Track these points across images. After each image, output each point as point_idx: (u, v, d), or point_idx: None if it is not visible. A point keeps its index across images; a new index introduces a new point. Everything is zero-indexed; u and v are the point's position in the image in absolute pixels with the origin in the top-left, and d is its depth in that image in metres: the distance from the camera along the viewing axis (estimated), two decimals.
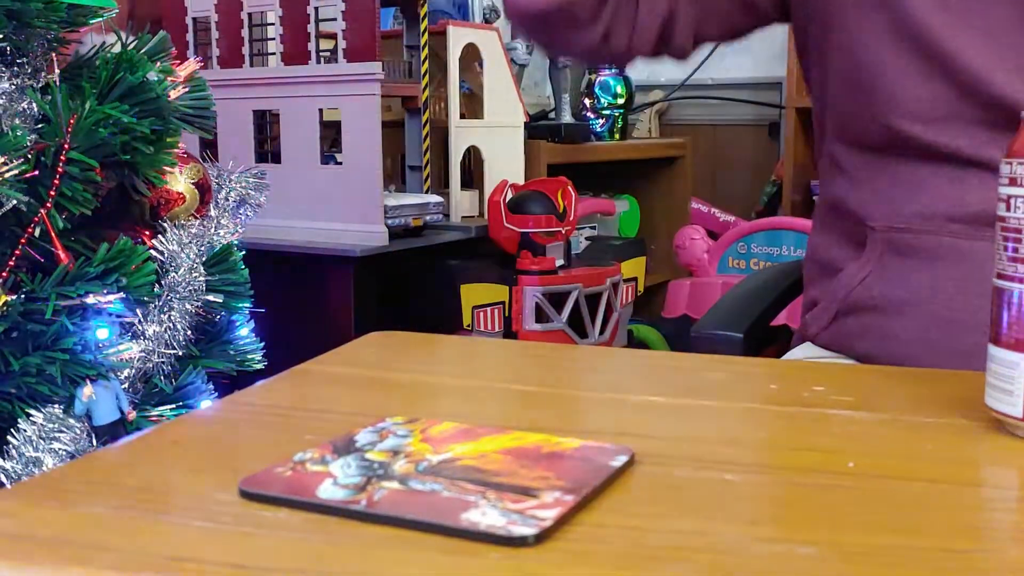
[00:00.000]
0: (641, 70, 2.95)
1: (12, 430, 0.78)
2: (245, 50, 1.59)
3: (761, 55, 2.77)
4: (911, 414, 0.52)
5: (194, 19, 1.63)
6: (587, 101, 2.31)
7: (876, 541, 0.36)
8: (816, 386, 0.57)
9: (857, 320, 0.79)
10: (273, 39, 1.56)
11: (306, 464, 0.42)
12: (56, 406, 0.79)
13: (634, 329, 2.12)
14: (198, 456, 0.45)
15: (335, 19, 1.50)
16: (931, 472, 0.44)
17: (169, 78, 0.93)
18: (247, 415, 0.52)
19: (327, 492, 0.39)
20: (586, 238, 2.12)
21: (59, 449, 0.77)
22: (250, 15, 1.57)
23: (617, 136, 2.32)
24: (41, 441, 0.77)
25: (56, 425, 0.78)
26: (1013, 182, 0.47)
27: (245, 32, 1.58)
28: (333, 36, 1.51)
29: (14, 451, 0.77)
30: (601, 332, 1.71)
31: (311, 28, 1.52)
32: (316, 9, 1.51)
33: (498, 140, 1.84)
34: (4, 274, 0.80)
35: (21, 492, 0.41)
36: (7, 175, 0.73)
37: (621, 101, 2.32)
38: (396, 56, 1.70)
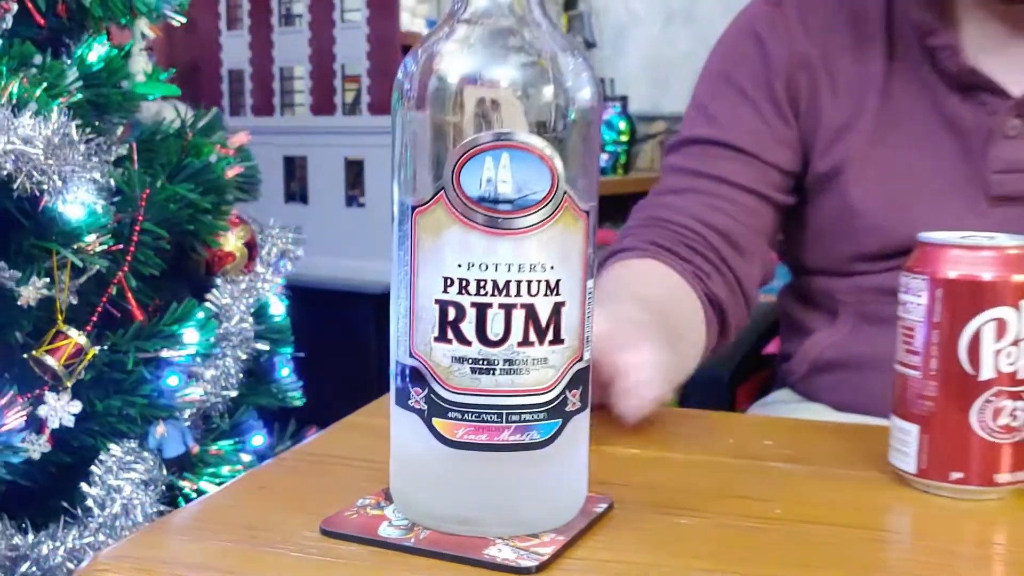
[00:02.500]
0: (644, 101, 3.11)
1: (95, 461, 0.92)
2: (276, 100, 1.73)
3: None
4: (836, 466, 0.66)
5: (229, 71, 1.78)
6: None
7: (789, 574, 0.50)
8: (765, 440, 0.71)
9: (830, 375, 0.94)
10: (302, 91, 1.71)
11: (367, 508, 0.56)
12: (132, 441, 0.93)
13: None
14: (283, 500, 0.59)
15: (359, 74, 1.65)
16: (843, 518, 0.58)
17: (221, 149, 1.07)
18: (313, 465, 0.66)
19: (385, 531, 0.53)
20: None
21: (135, 478, 0.91)
22: (281, 69, 1.72)
23: (621, 171, 2.47)
24: (120, 471, 0.91)
25: (133, 457, 0.92)
26: (907, 290, 0.61)
27: (276, 84, 1.73)
28: (357, 79, 1.65)
29: (97, 479, 0.91)
30: None
31: (337, 83, 1.66)
32: (343, 66, 1.66)
33: None
34: (88, 328, 0.94)
35: (164, 529, 0.55)
36: (97, 249, 0.88)
37: (625, 138, 2.46)
38: None
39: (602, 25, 3.03)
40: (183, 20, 0.97)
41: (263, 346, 1.05)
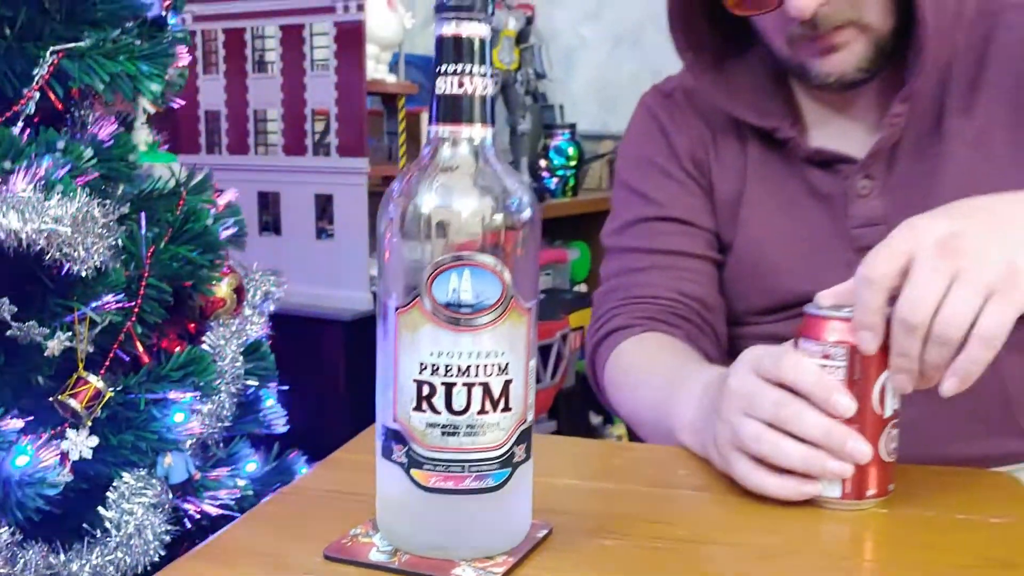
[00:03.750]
0: (592, 121, 3.27)
1: (111, 487, 1.06)
2: (251, 140, 1.87)
3: None
4: (738, 494, 0.81)
5: (206, 112, 1.91)
6: (542, 162, 2.61)
7: None
8: (680, 470, 0.87)
9: None
10: (275, 132, 1.85)
11: (359, 537, 0.71)
12: (142, 470, 1.07)
13: (579, 366, 2.43)
14: (290, 530, 0.74)
15: (326, 119, 1.79)
16: (736, 537, 0.74)
17: (212, 208, 1.22)
18: (311, 498, 0.81)
19: (375, 556, 0.68)
20: (542, 291, 2.43)
21: (145, 502, 1.05)
22: (255, 111, 1.86)
23: (569, 193, 2.63)
24: (132, 496, 1.05)
25: (143, 484, 1.06)
26: (829, 356, 0.74)
27: (251, 125, 1.86)
28: (325, 113, 1.79)
29: (112, 503, 1.05)
30: (553, 376, 2.01)
31: (308, 126, 1.81)
32: (312, 111, 1.80)
33: None
34: (102, 371, 1.08)
35: (199, 557, 0.69)
36: (114, 307, 1.02)
37: (573, 163, 2.62)
38: (378, 132, 2.00)
39: (552, 49, 3.18)
40: (182, 103, 1.11)
41: (252, 382, 1.20)
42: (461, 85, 0.65)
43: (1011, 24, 1.06)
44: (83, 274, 1.00)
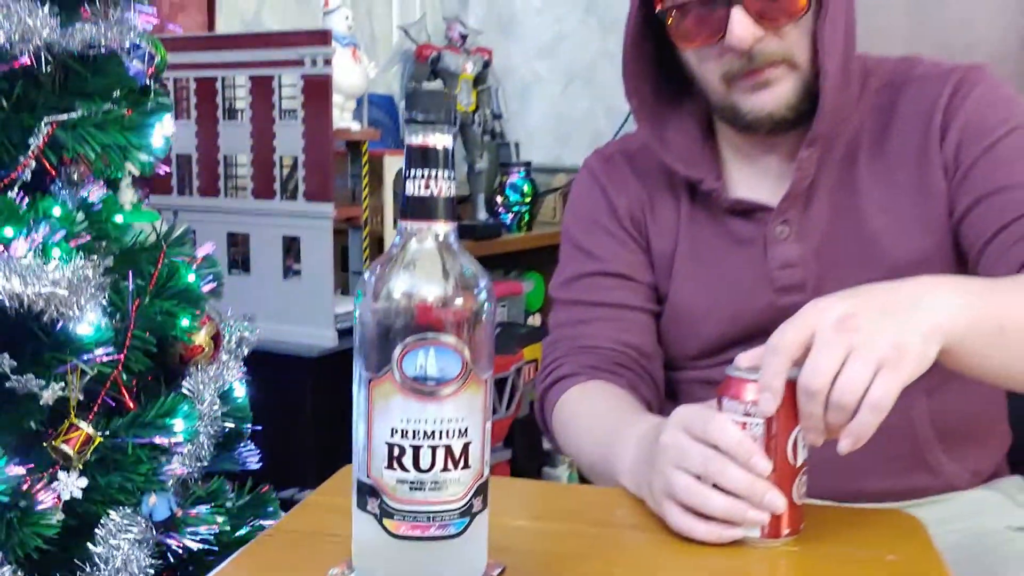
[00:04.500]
0: (547, 154, 3.39)
1: (99, 524, 1.15)
2: (221, 183, 1.96)
3: None
4: (672, 534, 0.91)
5: (178, 155, 2.00)
6: (499, 198, 2.73)
7: None
8: (617, 510, 0.97)
9: None
10: (245, 177, 1.94)
11: None
12: (128, 508, 1.16)
13: (532, 396, 2.54)
14: (276, 571, 0.84)
15: (294, 165, 1.89)
16: (669, 573, 0.84)
17: (191, 261, 1.31)
18: (292, 540, 0.90)
19: None
20: (498, 324, 2.54)
21: (131, 538, 1.14)
22: (225, 156, 1.95)
23: (524, 228, 2.75)
24: (119, 533, 1.14)
25: (128, 521, 1.14)
26: (750, 414, 0.86)
27: (221, 169, 1.95)
28: (293, 159, 1.88)
29: (100, 539, 1.14)
30: (508, 407, 2.12)
31: (276, 171, 1.90)
32: (280, 157, 1.89)
33: None
34: (91, 416, 1.17)
35: None
36: (104, 359, 1.11)
37: (528, 199, 2.74)
38: (342, 173, 2.10)
39: (508, 85, 3.30)
40: (168, 170, 1.20)
41: (230, 424, 1.29)
42: (427, 187, 0.75)
43: (913, 95, 1.19)
44: (74, 328, 1.09)
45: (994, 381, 1.02)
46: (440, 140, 0.75)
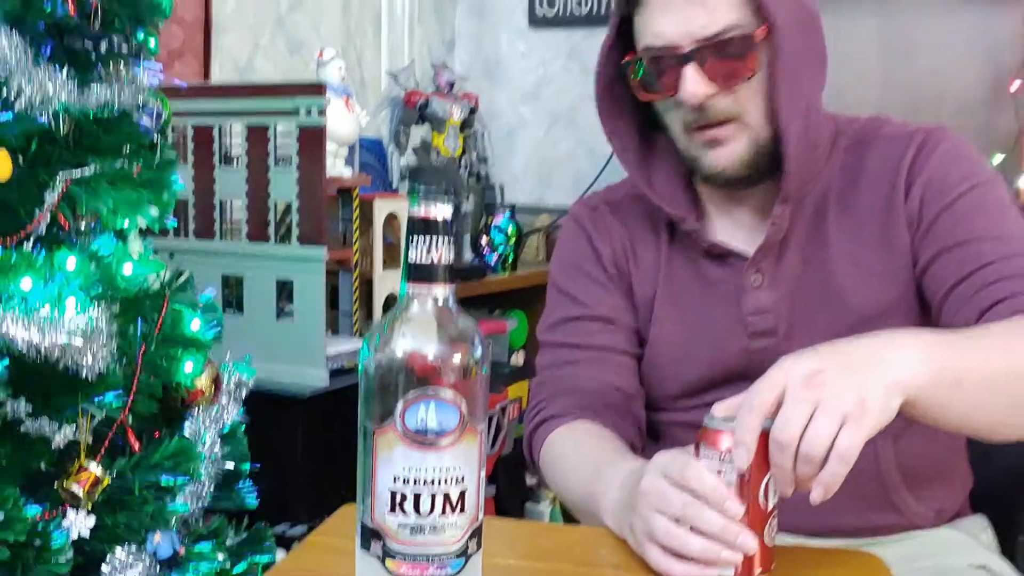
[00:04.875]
0: (530, 195, 3.47)
1: (104, 561, 1.20)
2: (216, 227, 2.03)
3: None
4: (651, 573, 0.98)
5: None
6: (484, 239, 2.80)
7: None
8: (600, 550, 1.04)
9: None
10: (239, 220, 2.00)
11: None
12: (133, 546, 1.21)
13: (517, 431, 2.61)
14: None
15: (288, 210, 1.96)
16: None
17: (194, 308, 1.37)
18: None
19: None
20: None
21: (136, 575, 1.19)
22: (221, 201, 2.02)
23: (509, 268, 2.82)
24: (125, 569, 1.19)
25: (133, 559, 1.20)
26: (725, 461, 0.93)
27: (217, 213, 2.02)
28: (287, 204, 1.94)
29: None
30: (493, 445, 2.18)
31: (271, 216, 1.97)
32: (276, 202, 1.96)
33: None
34: (98, 457, 1.23)
35: None
36: (114, 404, 1.17)
37: (512, 240, 2.81)
38: (334, 215, 2.16)
39: (493, 127, 3.39)
40: (176, 224, 1.26)
41: (229, 464, 1.35)
42: (429, 254, 0.82)
43: (879, 154, 1.27)
44: (87, 375, 1.15)
45: (954, 429, 1.09)
46: (441, 211, 0.82)
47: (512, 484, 2.51)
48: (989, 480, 1.42)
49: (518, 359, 2.93)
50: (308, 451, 1.93)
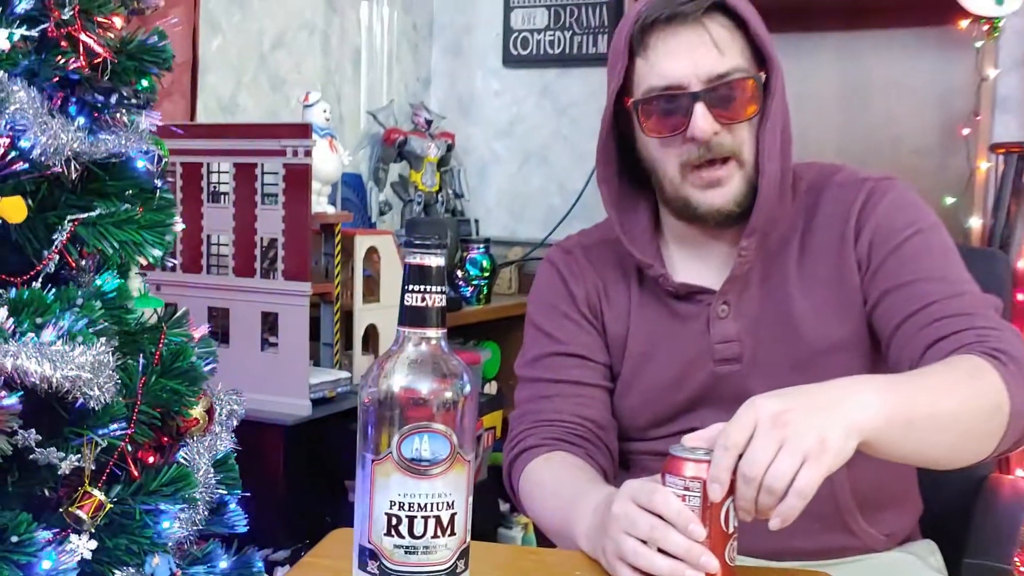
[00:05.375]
0: (503, 228, 3.57)
1: None
2: (204, 261, 2.10)
3: None
4: None
5: None
6: (459, 272, 2.89)
7: None
8: (576, 571, 1.12)
9: None
10: (227, 256, 2.08)
11: None
12: (132, 568, 1.28)
13: (491, 459, 2.68)
14: None
15: (274, 246, 2.03)
16: None
17: (190, 342, 1.45)
18: None
19: None
20: None
21: None
22: (208, 236, 2.09)
23: (483, 300, 2.91)
24: None
25: None
26: (689, 488, 1.00)
27: (204, 248, 2.09)
28: (273, 241, 2.02)
29: None
30: None
31: (257, 252, 2.04)
32: (262, 238, 2.04)
33: (391, 317, 2.39)
34: (100, 484, 1.30)
35: None
36: (118, 434, 1.24)
37: (487, 273, 2.90)
38: (317, 250, 2.24)
39: (468, 163, 3.48)
40: (180, 261, 1.34)
41: (222, 490, 1.42)
42: (423, 300, 0.91)
43: (833, 199, 1.37)
44: (92, 405, 1.22)
45: (907, 463, 1.19)
46: (434, 261, 0.91)
47: (485, 510, 2.58)
48: (938, 507, 1.51)
49: (491, 389, 3.01)
50: (291, 478, 2.00)
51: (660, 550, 1.00)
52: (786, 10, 2.87)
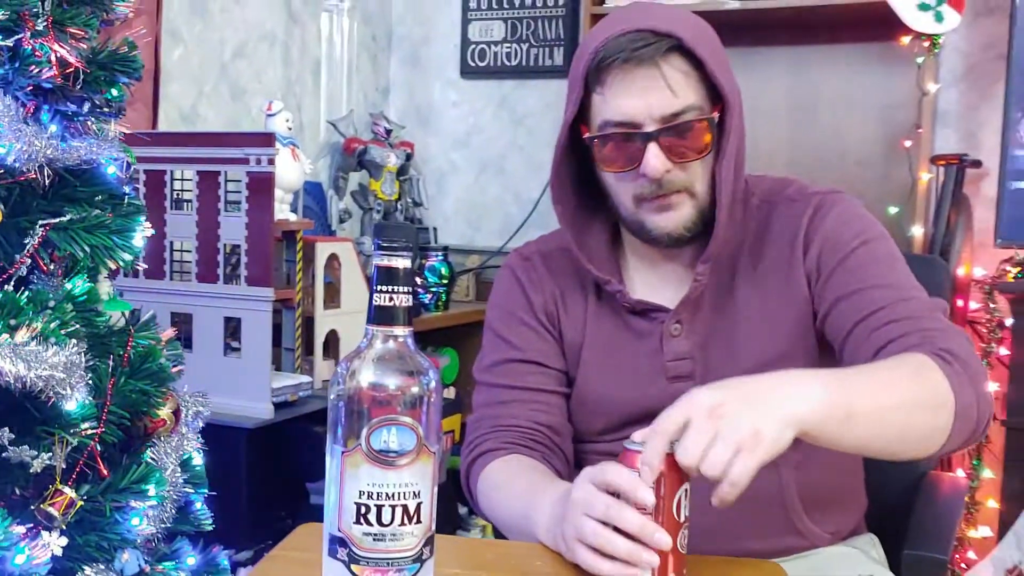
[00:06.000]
0: (460, 237, 3.62)
1: None
2: (167, 267, 2.13)
3: None
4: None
5: None
6: (418, 280, 2.93)
7: None
8: (536, 562, 1.17)
9: None
10: (190, 262, 2.11)
11: None
12: (101, 564, 1.31)
13: (449, 463, 2.73)
14: None
15: (237, 253, 2.07)
16: None
17: (158, 344, 1.48)
18: None
19: None
20: None
21: None
22: (171, 243, 2.12)
23: (442, 307, 2.95)
24: None
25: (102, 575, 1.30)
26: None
27: (167, 254, 2.12)
28: (236, 247, 2.05)
29: None
30: None
31: (220, 258, 2.08)
32: (225, 245, 2.07)
33: (351, 323, 2.43)
34: (70, 482, 1.33)
35: None
36: (88, 432, 1.27)
37: (445, 280, 2.95)
38: (278, 256, 2.28)
39: (426, 172, 3.53)
40: (146, 267, 1.37)
41: (188, 489, 1.45)
42: (391, 300, 0.96)
43: (783, 213, 1.43)
44: (63, 405, 1.25)
45: (853, 453, 1.25)
46: (401, 262, 0.96)
47: (444, 512, 2.62)
48: (882, 503, 1.58)
49: (450, 394, 3.05)
50: (253, 480, 2.03)
51: (618, 530, 1.04)
52: (738, 24, 2.97)
